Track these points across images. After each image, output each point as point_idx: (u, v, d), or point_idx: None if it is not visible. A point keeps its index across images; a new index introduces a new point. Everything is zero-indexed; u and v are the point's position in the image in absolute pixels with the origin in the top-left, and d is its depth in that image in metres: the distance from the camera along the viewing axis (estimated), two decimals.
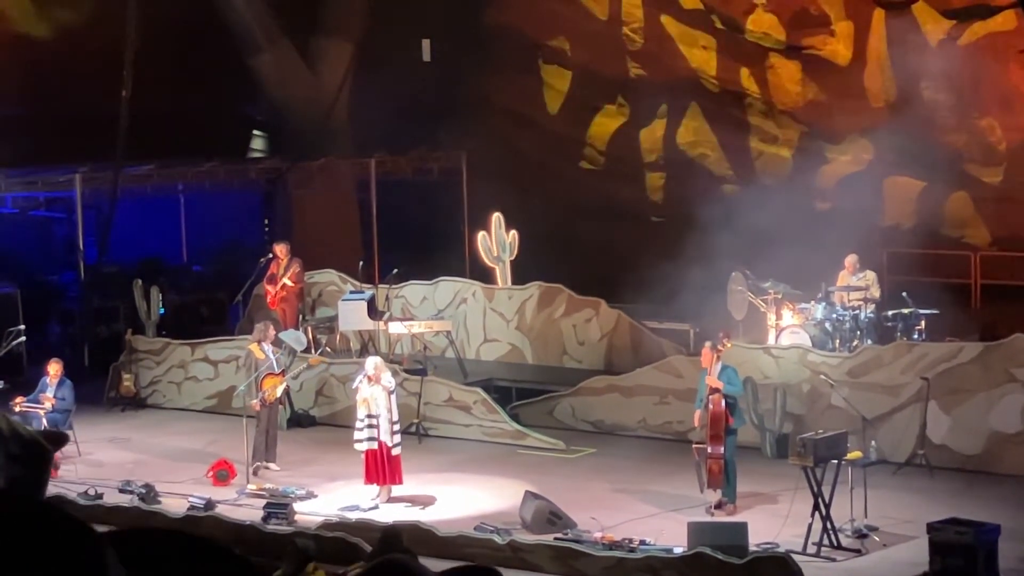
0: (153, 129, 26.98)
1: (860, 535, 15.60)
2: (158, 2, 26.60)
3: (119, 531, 2.38)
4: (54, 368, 20.17)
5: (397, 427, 17.62)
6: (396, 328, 23.34)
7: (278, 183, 30.18)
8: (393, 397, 17.61)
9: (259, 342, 19.44)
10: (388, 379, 17.68)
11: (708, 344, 17.36)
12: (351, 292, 24.45)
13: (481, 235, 25.46)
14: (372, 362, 17.93)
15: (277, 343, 20.23)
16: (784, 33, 27.08)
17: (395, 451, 17.55)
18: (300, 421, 21.97)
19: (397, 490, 17.74)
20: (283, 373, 19.43)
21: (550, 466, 19.38)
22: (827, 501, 15.29)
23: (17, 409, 19.92)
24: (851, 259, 21.80)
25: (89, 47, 27.24)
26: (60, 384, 20.09)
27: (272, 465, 19.24)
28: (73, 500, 17.11)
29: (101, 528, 2.51)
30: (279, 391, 19.33)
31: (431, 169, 30.84)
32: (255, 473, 18.86)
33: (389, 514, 16.85)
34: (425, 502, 17.74)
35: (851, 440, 16.39)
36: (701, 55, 28.21)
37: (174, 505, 17.52)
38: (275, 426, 19.60)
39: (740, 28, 27.49)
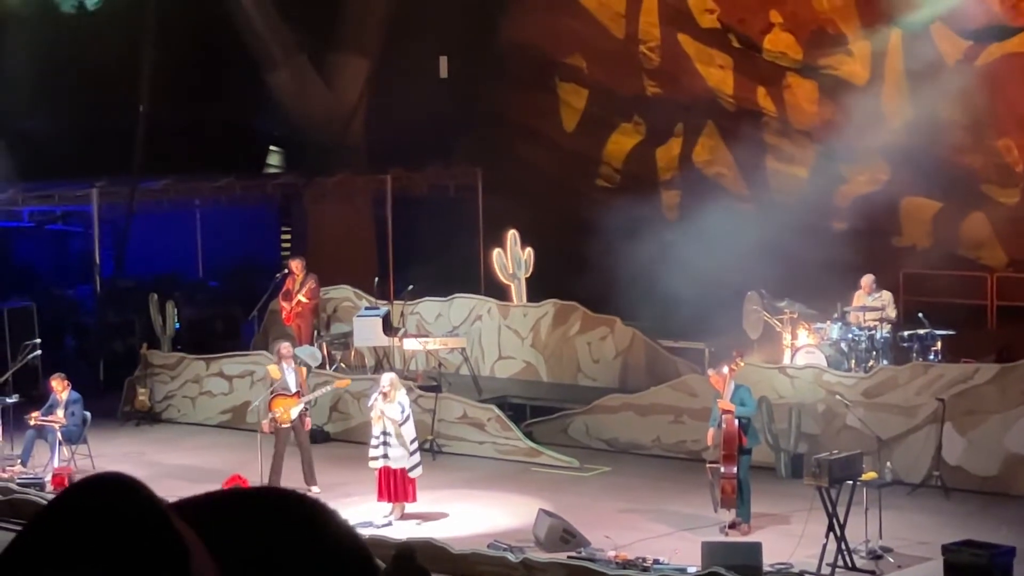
0: (170, 144, 27.10)
1: (875, 556, 15.55)
2: (176, 17, 26.69)
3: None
4: (58, 384, 20.15)
5: (414, 446, 17.52)
6: (411, 344, 23.33)
7: (294, 199, 30.23)
8: (406, 424, 17.49)
9: (276, 363, 19.29)
10: (400, 399, 17.56)
11: (712, 371, 17.36)
12: (366, 308, 24.45)
13: (496, 252, 25.47)
14: (387, 378, 17.91)
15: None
16: (801, 52, 27.07)
17: (412, 473, 17.48)
18: (314, 437, 21.90)
19: (411, 507, 17.72)
20: (298, 394, 19.16)
21: (564, 484, 19.35)
22: (842, 522, 15.24)
23: (32, 423, 19.95)
24: (867, 279, 21.76)
25: (106, 61, 27.33)
26: (68, 399, 20.09)
27: (314, 488, 18.83)
28: None
29: None
30: (293, 413, 18.92)
31: (447, 186, 30.87)
32: None
33: (403, 531, 16.84)
34: (439, 519, 17.71)
35: (866, 461, 16.35)
36: (718, 74, 28.22)
37: None
38: (307, 448, 19.15)
39: (757, 47, 27.49)
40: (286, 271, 24.57)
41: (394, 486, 17.49)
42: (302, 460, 18.98)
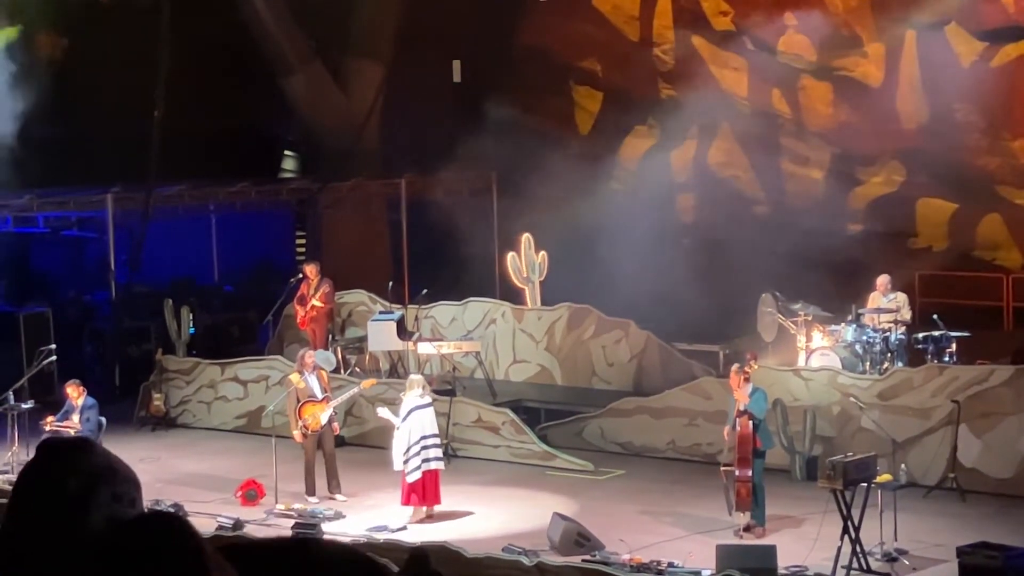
0: (185, 149, 27.11)
1: (890, 559, 15.51)
2: (191, 23, 26.73)
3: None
4: (73, 390, 20.13)
5: (410, 452, 17.54)
6: (425, 348, 23.34)
7: (309, 204, 30.26)
8: (401, 428, 17.61)
9: (299, 371, 19.28)
10: (406, 403, 17.72)
11: (735, 367, 17.35)
12: (381, 312, 24.48)
13: (511, 256, 25.47)
14: (408, 380, 18.20)
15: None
16: (816, 54, 27.04)
17: (409, 478, 17.54)
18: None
19: (418, 509, 17.81)
20: (326, 400, 19.16)
21: (578, 487, 19.33)
22: (856, 524, 15.20)
23: (48, 428, 19.97)
24: (882, 279, 21.70)
25: (122, 67, 27.38)
26: (84, 405, 20.09)
27: (338, 496, 18.87)
28: None
29: None
30: (323, 418, 18.91)
31: (461, 190, 30.86)
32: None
33: (417, 535, 16.83)
34: (453, 523, 17.72)
35: (881, 463, 16.32)
36: (732, 76, 28.19)
37: (202, 525, 17.47)
38: (332, 455, 19.07)
39: (772, 49, 27.46)
40: (301, 276, 24.60)
41: (408, 489, 17.65)
42: (327, 469, 18.95)
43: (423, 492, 17.66)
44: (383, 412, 18.22)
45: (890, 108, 26.30)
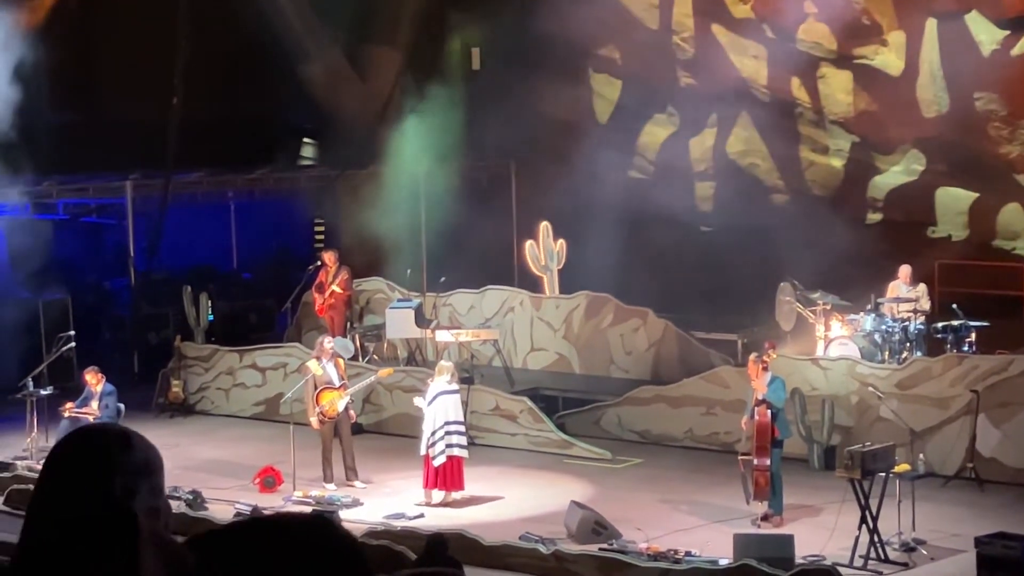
0: (203, 136, 27.13)
1: (908, 548, 15.50)
2: (209, 10, 26.74)
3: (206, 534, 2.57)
4: (92, 377, 20.19)
5: (436, 436, 17.62)
6: (443, 336, 23.35)
7: (327, 191, 30.26)
8: (430, 409, 17.70)
9: (316, 358, 19.30)
10: (432, 388, 17.86)
11: (753, 356, 17.34)
12: (399, 300, 24.49)
13: (529, 244, 25.47)
14: (437, 365, 18.32)
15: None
16: (835, 43, 26.94)
17: (435, 462, 17.63)
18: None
19: (439, 496, 17.84)
20: (343, 387, 19.21)
21: (596, 476, 19.34)
22: (874, 514, 15.19)
23: (67, 415, 20.03)
24: (905, 270, 21.67)
25: (140, 54, 27.41)
26: (103, 391, 20.15)
27: (356, 483, 18.96)
28: None
29: None
30: (340, 405, 18.98)
31: (480, 178, 30.83)
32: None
33: (435, 522, 16.86)
34: (471, 510, 17.75)
35: (899, 453, 16.30)
36: (752, 64, 28.10)
37: (221, 511, 17.57)
38: (349, 442, 19.08)
39: (791, 37, 27.37)
40: (319, 263, 24.63)
41: (431, 473, 17.75)
42: (344, 456, 18.98)
43: (446, 477, 17.71)
44: (419, 402, 18.20)
45: (910, 96, 26.20)
